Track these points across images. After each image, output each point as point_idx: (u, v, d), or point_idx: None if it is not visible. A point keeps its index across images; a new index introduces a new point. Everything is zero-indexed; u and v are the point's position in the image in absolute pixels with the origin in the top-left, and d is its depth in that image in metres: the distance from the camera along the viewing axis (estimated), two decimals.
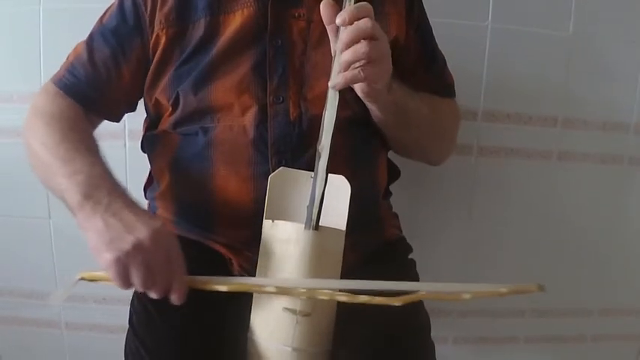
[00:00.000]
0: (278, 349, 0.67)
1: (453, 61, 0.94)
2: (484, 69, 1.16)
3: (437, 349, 0.78)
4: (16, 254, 1.18)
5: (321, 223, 0.67)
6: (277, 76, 0.78)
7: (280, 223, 0.69)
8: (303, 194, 0.69)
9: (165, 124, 0.82)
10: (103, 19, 0.83)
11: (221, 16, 0.78)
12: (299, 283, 0.66)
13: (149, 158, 0.89)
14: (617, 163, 1.25)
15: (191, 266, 0.66)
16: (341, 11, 0.66)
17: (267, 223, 0.70)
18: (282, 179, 0.72)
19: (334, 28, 0.69)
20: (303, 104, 0.78)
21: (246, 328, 0.70)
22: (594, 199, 1.27)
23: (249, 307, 0.70)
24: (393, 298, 0.65)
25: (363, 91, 0.72)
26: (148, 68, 0.81)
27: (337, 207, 0.69)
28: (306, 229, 0.67)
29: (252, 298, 0.69)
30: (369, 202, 0.85)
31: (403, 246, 0.92)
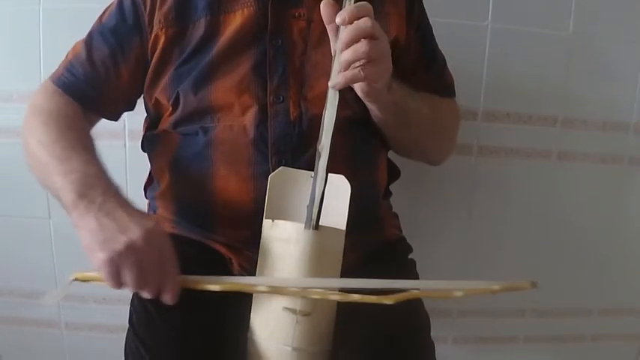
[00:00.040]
0: (278, 348, 0.67)
1: (453, 61, 0.94)
2: (484, 69, 1.16)
3: (437, 349, 0.78)
4: (16, 254, 1.18)
5: (321, 222, 0.67)
6: (277, 76, 0.78)
7: (280, 222, 0.69)
8: (303, 194, 0.69)
9: (165, 123, 0.82)
10: (102, 18, 0.83)
11: (221, 16, 0.78)
12: (293, 282, 0.66)
13: (149, 158, 0.89)
14: (617, 163, 1.25)
15: (191, 266, 0.66)
16: (341, 10, 0.66)
17: (267, 223, 0.70)
18: (282, 179, 0.72)
19: (334, 28, 0.69)
20: (303, 104, 0.78)
21: (246, 327, 0.70)
22: (594, 199, 1.27)
23: (250, 307, 0.70)
24: (385, 296, 0.65)
25: (363, 90, 0.72)
26: (147, 68, 0.81)
27: (337, 207, 0.69)
28: (306, 228, 0.67)
29: (252, 297, 0.69)
30: (369, 202, 0.85)
31: (403, 246, 0.92)
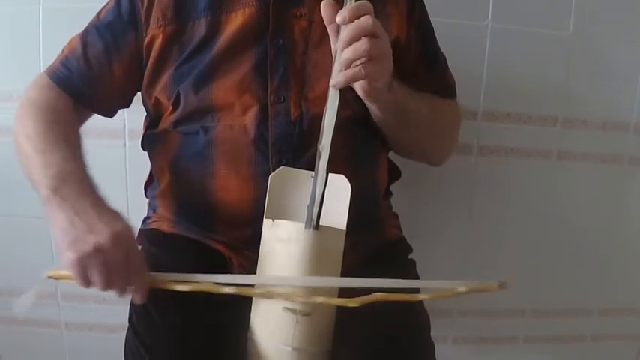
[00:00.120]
0: (278, 348, 0.67)
1: (453, 61, 0.94)
2: (484, 69, 1.16)
3: (437, 349, 0.78)
4: (16, 254, 1.17)
5: (322, 222, 0.67)
6: (278, 76, 0.78)
7: (280, 222, 0.69)
8: (304, 194, 0.69)
9: (165, 122, 0.82)
10: (100, 13, 0.83)
11: (222, 16, 0.78)
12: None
13: (150, 157, 0.89)
14: (617, 163, 1.25)
15: (191, 265, 0.67)
16: (341, 10, 0.66)
17: (268, 223, 0.70)
18: (282, 179, 0.72)
19: (335, 28, 0.69)
20: (304, 104, 0.78)
21: (246, 327, 0.70)
22: (594, 199, 1.27)
23: (250, 307, 0.70)
24: (350, 299, 0.65)
25: (363, 89, 0.72)
26: (142, 66, 0.81)
27: (337, 207, 0.69)
28: (307, 228, 0.67)
29: (252, 297, 0.69)
30: (369, 202, 0.85)
31: (403, 246, 0.92)
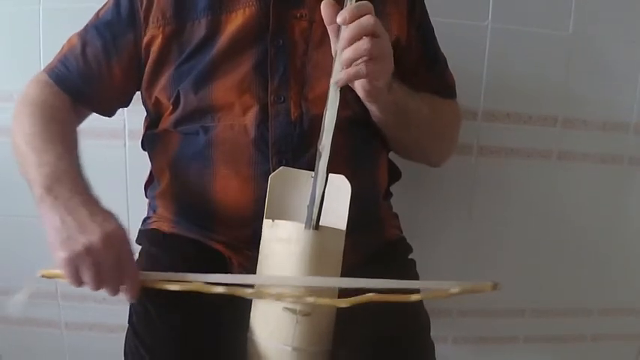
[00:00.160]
0: (278, 348, 0.67)
1: (453, 61, 0.94)
2: (484, 69, 1.16)
3: (437, 349, 0.78)
4: (16, 254, 1.17)
5: (322, 222, 0.67)
6: (278, 76, 0.78)
7: (280, 222, 0.69)
8: (304, 194, 0.69)
9: (165, 122, 0.82)
10: (99, 12, 0.83)
11: (222, 15, 0.78)
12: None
13: (150, 157, 0.89)
14: (617, 163, 1.26)
15: (191, 265, 0.66)
16: (341, 11, 0.66)
17: (268, 223, 0.70)
18: (282, 179, 0.72)
19: (335, 29, 0.69)
20: (304, 104, 0.78)
21: (246, 327, 0.70)
22: (594, 199, 1.27)
23: (249, 307, 0.70)
24: (341, 299, 0.65)
25: (364, 89, 0.72)
26: (141, 66, 0.81)
27: (337, 207, 0.69)
28: (307, 228, 0.67)
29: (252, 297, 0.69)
30: (369, 203, 0.84)
31: (403, 246, 0.92)
